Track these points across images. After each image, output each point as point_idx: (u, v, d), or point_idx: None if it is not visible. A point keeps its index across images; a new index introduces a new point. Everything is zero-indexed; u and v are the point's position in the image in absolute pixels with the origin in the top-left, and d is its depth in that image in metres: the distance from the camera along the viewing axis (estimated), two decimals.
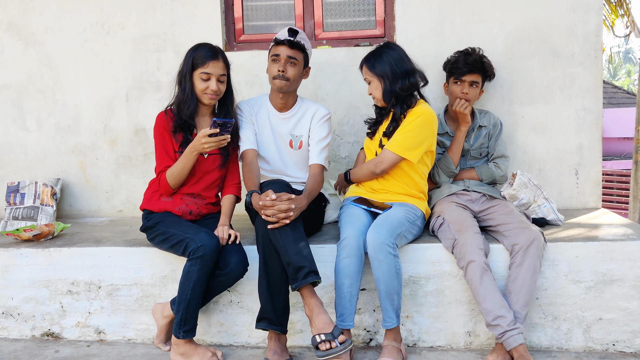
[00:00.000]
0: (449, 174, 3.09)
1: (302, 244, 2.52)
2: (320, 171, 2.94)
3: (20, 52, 3.79)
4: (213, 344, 2.85)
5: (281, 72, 2.84)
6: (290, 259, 2.47)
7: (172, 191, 2.78)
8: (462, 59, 3.05)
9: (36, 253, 2.94)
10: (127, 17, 3.69)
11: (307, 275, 2.45)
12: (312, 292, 2.49)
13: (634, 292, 2.66)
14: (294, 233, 2.53)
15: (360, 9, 3.67)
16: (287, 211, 2.52)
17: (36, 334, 2.98)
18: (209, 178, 2.84)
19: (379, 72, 2.81)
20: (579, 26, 3.41)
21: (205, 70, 2.70)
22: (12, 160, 3.87)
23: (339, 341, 2.36)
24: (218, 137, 2.57)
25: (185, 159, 2.68)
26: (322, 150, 2.97)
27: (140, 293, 2.88)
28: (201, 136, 2.58)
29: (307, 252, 2.51)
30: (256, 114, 3.01)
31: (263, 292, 2.55)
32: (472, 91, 3.04)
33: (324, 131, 2.99)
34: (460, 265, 2.61)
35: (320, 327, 2.40)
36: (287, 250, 2.49)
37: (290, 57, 2.84)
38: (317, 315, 2.43)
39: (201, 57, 2.71)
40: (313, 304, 2.46)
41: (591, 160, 3.50)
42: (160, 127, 2.78)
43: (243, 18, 3.72)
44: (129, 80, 3.73)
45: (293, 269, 2.47)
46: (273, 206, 2.52)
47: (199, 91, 2.74)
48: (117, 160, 3.79)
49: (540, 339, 2.72)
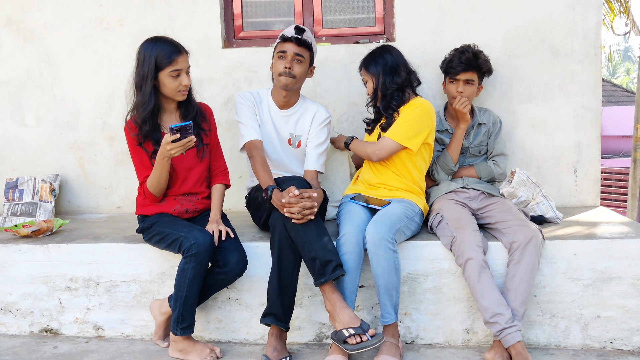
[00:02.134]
0: (448, 172, 3.09)
1: (326, 238, 2.53)
2: (317, 176, 2.97)
3: (19, 48, 3.78)
4: (211, 341, 2.85)
5: (287, 69, 2.83)
6: (317, 254, 2.47)
7: (158, 199, 2.75)
8: (456, 58, 3.05)
9: (35, 249, 2.94)
10: (126, 13, 3.68)
11: (335, 269, 2.45)
12: (334, 287, 2.50)
13: (632, 290, 2.66)
14: (317, 228, 2.53)
15: (359, 6, 3.66)
16: (311, 207, 2.52)
17: (35, 330, 2.98)
18: (194, 174, 2.79)
19: (372, 72, 2.91)
20: (578, 24, 3.41)
21: (175, 67, 2.58)
22: (11, 156, 3.87)
23: (369, 334, 2.37)
24: (182, 140, 2.47)
25: (159, 167, 2.60)
26: (320, 155, 2.98)
27: (138, 289, 2.89)
28: (165, 143, 2.48)
29: (332, 246, 2.52)
30: (259, 105, 3.00)
31: (273, 288, 2.54)
32: (467, 89, 3.04)
33: (322, 135, 2.99)
34: (459, 262, 2.61)
35: (346, 322, 2.41)
36: (313, 245, 2.48)
37: (297, 54, 2.83)
38: (341, 310, 2.44)
39: (166, 56, 2.56)
40: (335, 299, 2.47)
41: (590, 158, 3.50)
42: (130, 139, 2.68)
43: (242, 14, 3.71)
44: (127, 76, 3.66)
45: (320, 264, 2.46)
46: (298, 203, 2.50)
47: (172, 90, 2.62)
48: (116, 157, 3.79)
49: (538, 336, 2.73)
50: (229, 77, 3.64)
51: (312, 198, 2.53)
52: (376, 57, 2.92)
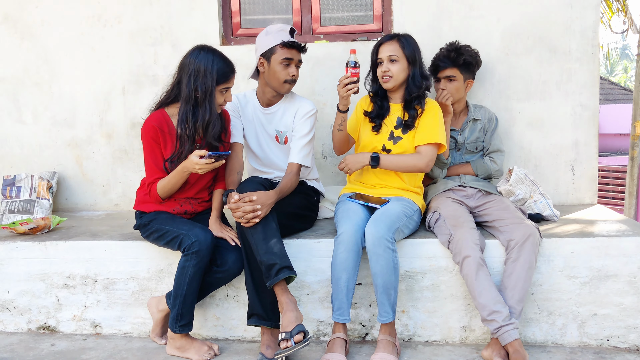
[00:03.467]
0: (440, 165, 3.09)
1: (273, 240, 2.51)
2: (297, 170, 2.88)
3: (16, 45, 3.78)
4: (209, 338, 2.86)
5: (293, 77, 2.84)
6: (261, 258, 2.48)
7: (162, 201, 2.75)
8: (436, 57, 3.09)
9: (32, 246, 2.94)
10: (123, 10, 3.67)
11: (278, 271, 2.45)
12: (283, 290, 2.49)
13: (629, 287, 2.67)
14: (264, 231, 2.52)
15: (357, 3, 3.66)
16: (254, 211, 2.51)
17: (32, 327, 2.98)
18: (201, 182, 2.80)
19: (411, 55, 2.80)
20: (576, 22, 3.41)
21: (228, 85, 2.62)
22: (8, 154, 3.86)
23: (295, 340, 2.38)
24: (214, 163, 2.52)
25: (178, 177, 2.61)
26: (303, 147, 2.90)
27: (136, 287, 2.89)
28: (195, 162, 2.49)
29: (278, 248, 2.50)
30: (244, 108, 3.00)
31: (249, 288, 2.57)
32: (449, 85, 3.03)
33: (305, 127, 2.92)
34: (456, 260, 2.62)
35: (285, 325, 2.43)
36: (258, 249, 2.49)
37: (300, 61, 2.86)
38: (285, 313, 2.46)
39: (224, 73, 2.58)
40: (283, 302, 2.48)
41: (587, 156, 3.51)
42: (149, 138, 2.65)
43: (240, 12, 3.71)
44: (125, 73, 3.72)
45: (265, 268, 2.47)
46: (238, 208, 2.51)
47: (216, 106, 2.62)
48: (114, 154, 3.78)
49: (535, 334, 2.74)
50: None
51: (252, 202, 2.51)
52: (410, 40, 2.82)
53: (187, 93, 2.56)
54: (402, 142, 2.87)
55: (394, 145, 2.87)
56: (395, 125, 2.89)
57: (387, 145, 2.87)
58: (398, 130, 2.87)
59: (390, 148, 2.87)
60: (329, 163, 3.65)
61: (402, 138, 2.87)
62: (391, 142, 2.87)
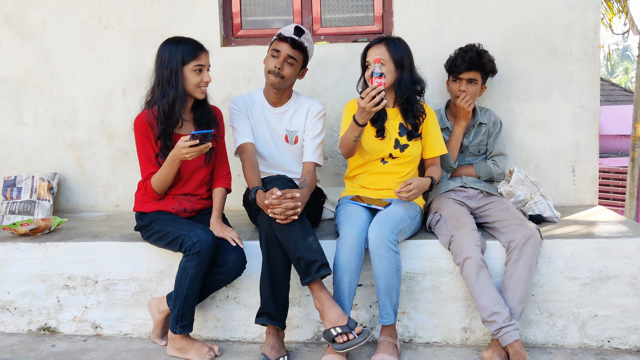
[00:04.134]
0: (447, 169, 3.10)
1: (311, 237, 2.52)
2: (314, 168, 2.94)
3: (17, 46, 3.78)
4: (210, 339, 2.85)
5: (277, 69, 2.82)
6: (301, 254, 2.46)
7: (159, 197, 2.75)
8: (460, 57, 3.04)
9: (33, 247, 2.94)
10: (124, 12, 3.67)
11: (320, 268, 2.45)
12: (322, 286, 2.49)
13: (630, 289, 2.67)
14: (302, 228, 2.52)
15: (358, 4, 3.66)
16: (295, 208, 2.51)
17: (32, 329, 2.98)
18: (197, 176, 2.81)
19: (398, 58, 2.78)
20: (577, 23, 3.41)
21: (199, 62, 2.64)
22: (9, 155, 3.86)
23: (356, 332, 2.37)
24: (200, 146, 2.50)
25: (169, 167, 2.62)
26: (317, 147, 2.96)
27: (136, 288, 2.88)
28: (181, 146, 2.49)
29: (316, 245, 2.51)
30: (251, 108, 3.00)
31: (265, 287, 2.55)
32: (470, 88, 3.03)
33: (318, 127, 2.98)
34: (457, 261, 2.62)
35: (334, 320, 2.41)
36: (298, 245, 2.48)
37: (289, 56, 2.82)
38: (329, 309, 2.44)
39: (191, 50, 2.63)
40: (324, 297, 2.46)
41: (588, 157, 3.51)
42: (139, 134, 2.70)
43: (241, 13, 3.71)
44: (126, 74, 3.72)
45: (305, 264, 2.46)
46: (280, 204, 2.49)
47: (192, 86, 2.65)
48: (114, 155, 3.78)
49: (536, 335, 2.73)
50: (228, 76, 3.64)
51: (294, 198, 2.52)
52: (399, 43, 2.80)
53: (157, 80, 2.67)
54: (409, 149, 2.89)
55: (401, 153, 2.88)
56: (399, 131, 2.89)
57: (394, 153, 2.88)
58: (403, 137, 2.88)
59: (397, 155, 2.88)
60: (329, 164, 3.64)
61: (409, 145, 2.89)
62: (398, 150, 2.88)
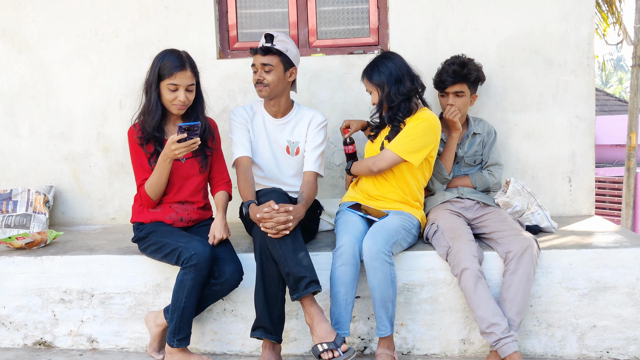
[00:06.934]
0: (442, 180, 3.10)
1: (301, 253, 2.51)
2: (314, 179, 2.93)
3: (13, 59, 3.78)
4: (206, 353, 2.84)
5: (258, 81, 2.85)
6: (290, 270, 2.46)
7: (154, 203, 2.75)
8: (444, 72, 3.05)
9: (28, 261, 2.92)
10: (121, 25, 3.68)
11: (308, 285, 2.44)
12: (312, 301, 2.48)
13: (628, 299, 2.67)
14: (293, 243, 2.52)
15: (354, 17, 3.68)
16: (286, 222, 2.50)
17: (28, 343, 2.96)
18: (191, 183, 2.81)
19: (376, 82, 2.85)
20: (571, 34, 3.44)
21: (173, 81, 2.64)
22: (5, 168, 3.85)
23: (341, 350, 2.35)
24: (187, 141, 2.52)
25: (160, 168, 2.64)
26: (318, 157, 2.96)
27: (133, 301, 2.87)
28: (170, 143, 2.53)
29: (307, 261, 2.50)
30: (252, 120, 3.00)
31: (260, 301, 2.54)
32: (458, 101, 3.03)
33: (319, 138, 2.98)
34: (455, 272, 2.61)
35: (322, 336, 2.40)
36: (287, 261, 2.47)
37: (264, 64, 2.83)
38: (318, 324, 2.43)
39: (168, 68, 2.63)
40: (314, 312, 2.46)
41: (584, 167, 3.52)
42: (132, 141, 2.75)
43: (237, 25, 3.72)
44: (122, 87, 3.72)
45: (294, 280, 2.45)
46: (272, 218, 2.49)
47: (167, 101, 2.68)
48: (111, 168, 3.78)
49: (535, 346, 2.72)
50: (224, 88, 3.65)
51: (288, 212, 2.52)
52: (379, 66, 2.86)
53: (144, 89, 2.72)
54: None
55: None
56: (387, 135, 2.91)
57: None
58: (386, 140, 2.90)
59: None
60: (326, 176, 3.64)
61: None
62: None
